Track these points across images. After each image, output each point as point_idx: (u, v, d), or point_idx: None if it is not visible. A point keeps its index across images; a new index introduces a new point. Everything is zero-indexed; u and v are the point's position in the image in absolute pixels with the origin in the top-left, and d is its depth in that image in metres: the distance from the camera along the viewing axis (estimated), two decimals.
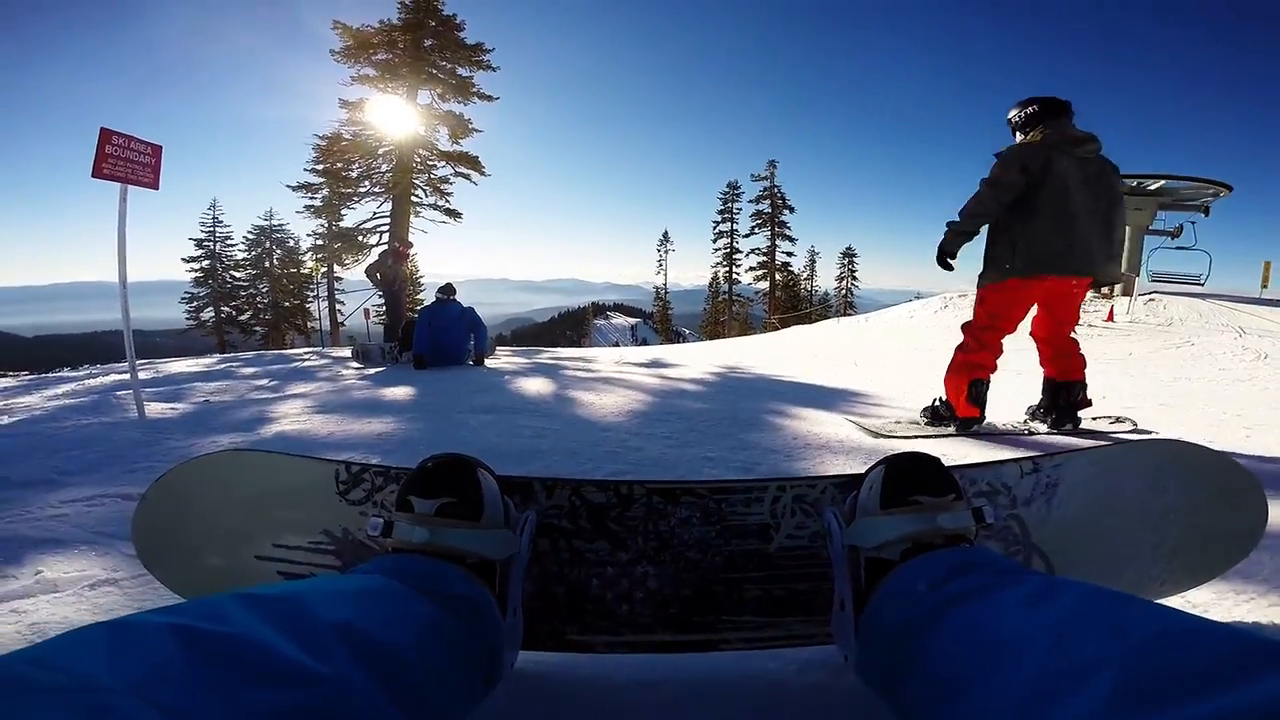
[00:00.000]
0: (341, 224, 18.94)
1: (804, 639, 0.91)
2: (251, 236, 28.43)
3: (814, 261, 37.50)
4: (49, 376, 5.90)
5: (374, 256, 9.51)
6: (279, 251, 28.46)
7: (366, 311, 11.41)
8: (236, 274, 28.31)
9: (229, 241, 28.44)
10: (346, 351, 7.33)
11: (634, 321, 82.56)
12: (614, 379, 4.58)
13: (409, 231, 17.14)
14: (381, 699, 0.47)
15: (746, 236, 33.64)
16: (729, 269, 34.21)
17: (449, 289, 5.95)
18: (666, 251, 39.68)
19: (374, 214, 17.99)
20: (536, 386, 4.19)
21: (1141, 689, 0.39)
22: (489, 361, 5.92)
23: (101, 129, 3.01)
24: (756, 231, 33.20)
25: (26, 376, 6.20)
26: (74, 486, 1.90)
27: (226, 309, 27.59)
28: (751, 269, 33.30)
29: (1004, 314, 2.62)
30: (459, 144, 17.79)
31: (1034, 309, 2.71)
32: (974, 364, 2.64)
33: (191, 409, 3.40)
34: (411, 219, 17.53)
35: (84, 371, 6.16)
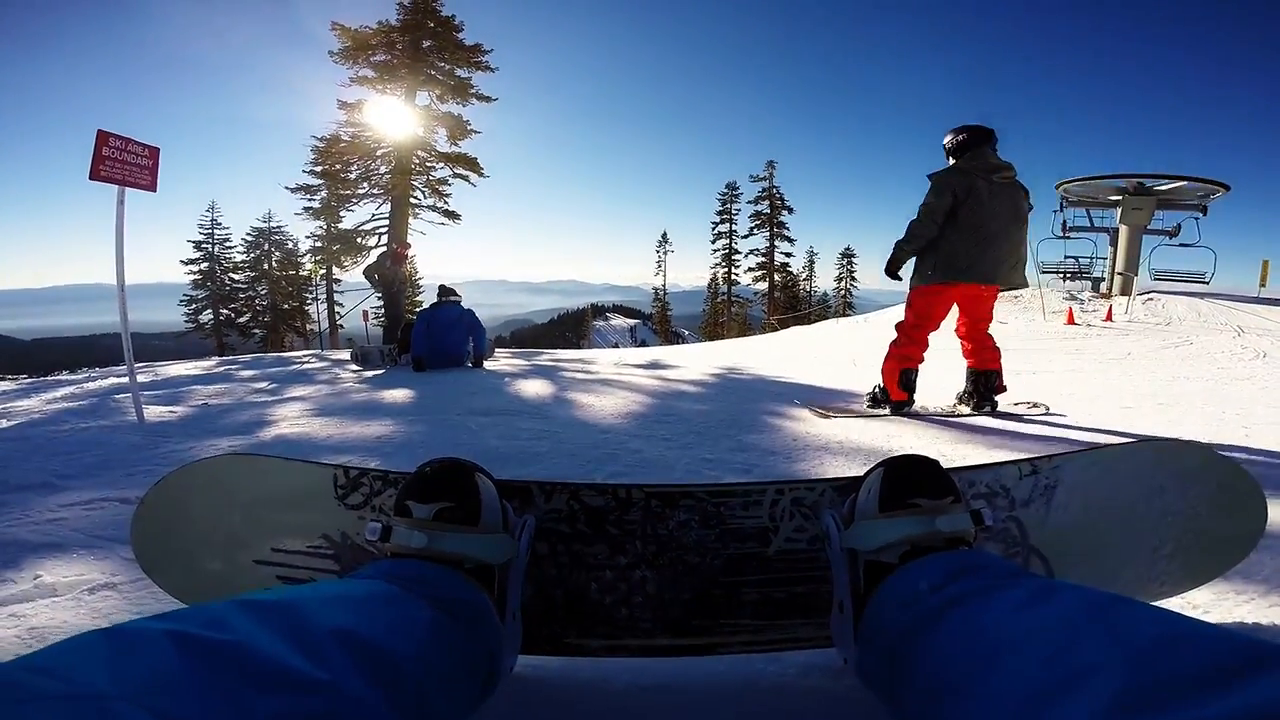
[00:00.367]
0: (340, 226, 18.93)
1: (803, 642, 0.91)
2: (250, 239, 28.38)
3: (813, 262, 37.57)
4: (47, 380, 5.89)
5: (373, 258, 9.50)
6: (277, 254, 28.41)
7: (365, 313, 11.39)
8: (235, 276, 28.26)
9: (227, 244, 28.42)
10: (345, 354, 7.31)
11: (633, 323, 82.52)
12: (613, 381, 4.58)
13: (407, 233, 17.12)
14: (381, 705, 0.47)
15: (745, 237, 33.70)
16: (728, 270, 34.24)
17: (449, 290, 5.89)
18: (665, 253, 39.72)
19: (373, 216, 17.99)
20: (535, 388, 4.19)
21: (1141, 692, 0.39)
22: (488, 363, 5.92)
23: (99, 131, 2.99)
24: (755, 232, 33.26)
25: (25, 380, 6.19)
26: (72, 490, 1.90)
27: (225, 311, 27.56)
28: (750, 270, 33.34)
29: (927, 314, 3.05)
30: (457, 145, 17.78)
31: (955, 311, 3.12)
32: (904, 356, 3.07)
33: (190, 412, 3.40)
34: (410, 220, 17.52)
35: (82, 375, 6.15)
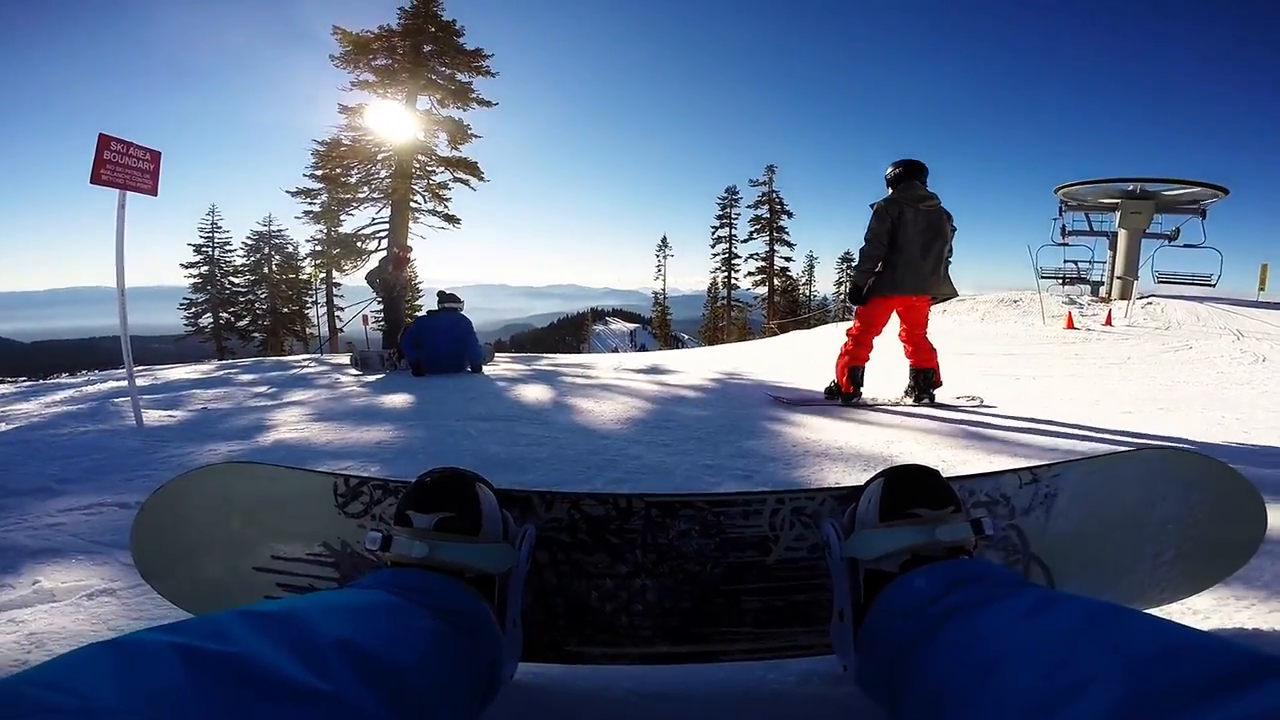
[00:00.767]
0: (340, 230, 18.91)
1: (804, 649, 0.91)
2: (250, 242, 28.26)
3: (812, 266, 37.57)
4: (46, 383, 5.88)
5: (374, 263, 9.49)
6: (278, 257, 28.30)
7: (365, 318, 11.38)
8: (235, 280, 28.17)
9: (228, 247, 28.26)
10: (345, 358, 7.30)
11: (633, 327, 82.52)
12: (613, 386, 4.58)
13: (408, 237, 17.13)
14: (383, 715, 0.47)
15: (745, 242, 33.68)
16: (727, 274, 34.22)
17: (448, 297, 5.81)
18: (665, 257, 39.71)
19: (373, 220, 17.95)
20: (535, 394, 4.19)
21: (1140, 703, 0.39)
22: (488, 369, 5.91)
23: (100, 135, 2.98)
24: (755, 237, 33.24)
25: (24, 383, 6.19)
26: (71, 495, 1.90)
27: (225, 315, 27.50)
28: (750, 274, 33.32)
29: (871, 322, 3.63)
30: (458, 149, 17.77)
31: (895, 318, 3.67)
32: (853, 355, 3.62)
33: (190, 416, 3.40)
34: (410, 225, 17.52)
35: (82, 378, 6.15)
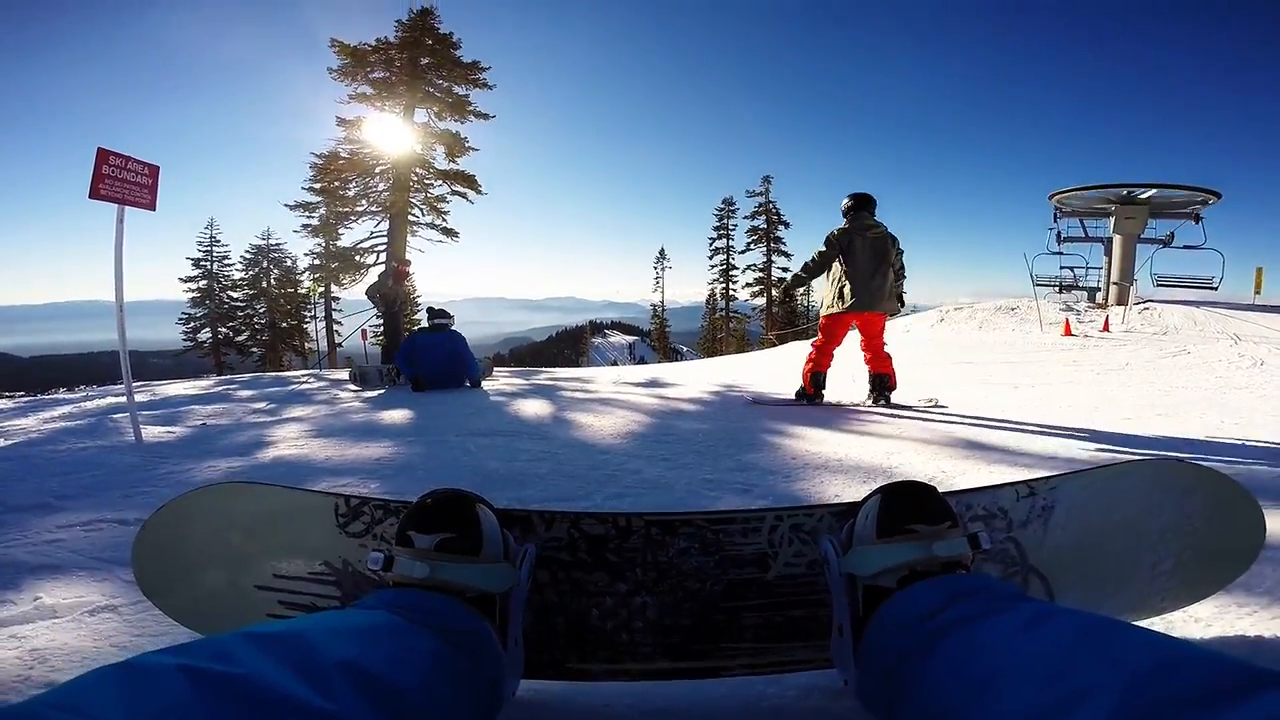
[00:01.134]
0: (339, 243, 18.97)
1: (804, 664, 0.91)
2: (249, 256, 28.23)
3: None
4: (45, 398, 5.88)
5: (374, 277, 9.49)
6: (276, 271, 28.26)
7: (364, 332, 11.39)
8: (234, 294, 28.12)
9: (226, 261, 28.17)
10: (343, 373, 7.29)
11: (632, 339, 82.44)
12: (612, 400, 4.58)
13: (406, 250, 17.16)
14: None
15: (742, 253, 33.77)
16: (725, 285, 34.30)
17: (438, 313, 5.75)
18: (663, 269, 39.78)
19: (371, 233, 18.00)
20: (535, 409, 4.19)
21: (1135, 715, 0.40)
22: (486, 383, 5.91)
23: (99, 149, 2.97)
24: (752, 248, 33.36)
25: (22, 398, 6.18)
26: (71, 511, 1.90)
27: (223, 330, 27.44)
28: (748, 285, 33.40)
29: (831, 334, 4.20)
30: (455, 163, 17.85)
31: (854, 332, 4.20)
32: (816, 362, 4.21)
33: (189, 432, 3.40)
34: (409, 238, 17.57)
35: (80, 393, 6.14)
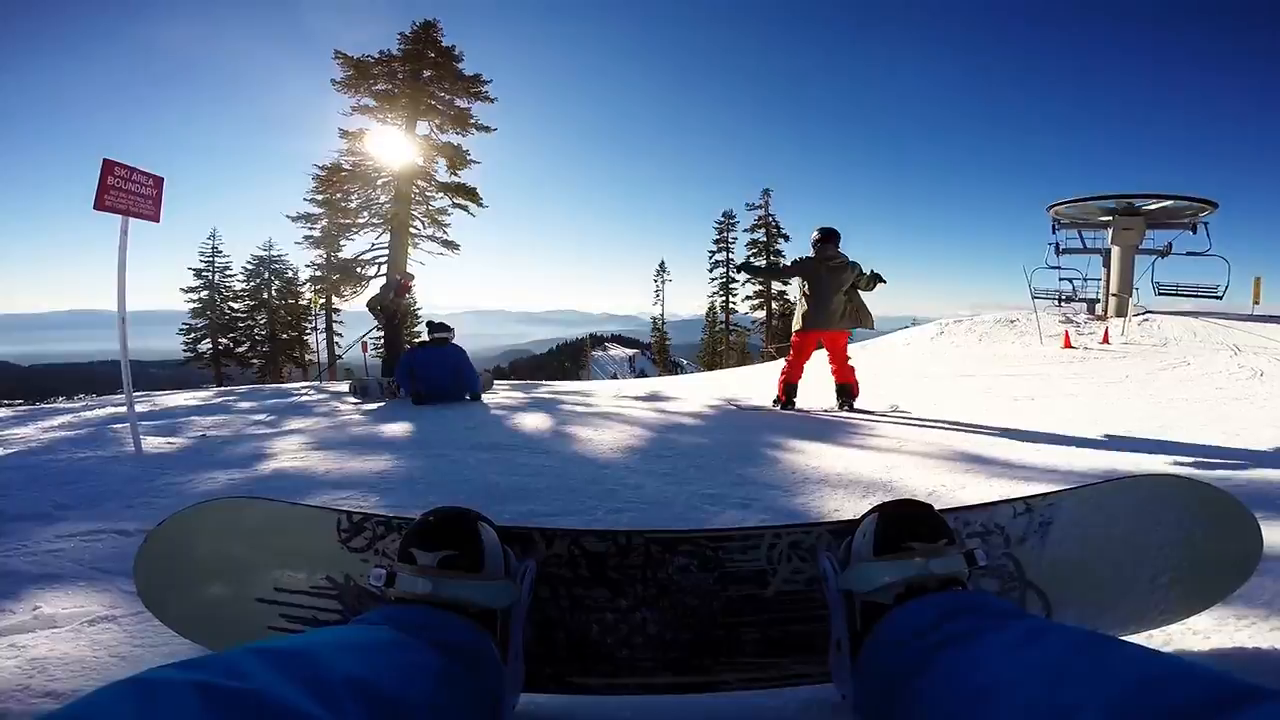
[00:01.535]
0: (340, 255, 19.03)
1: (803, 678, 0.92)
2: (250, 267, 28.28)
3: None
4: (44, 407, 5.88)
5: (374, 289, 9.50)
6: (277, 283, 28.29)
7: (364, 344, 11.39)
8: (235, 305, 28.10)
9: (228, 272, 28.20)
10: (344, 386, 7.29)
11: (632, 353, 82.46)
12: (612, 414, 4.58)
13: (407, 263, 17.21)
14: None
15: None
16: (725, 299, 34.40)
17: (438, 327, 5.73)
18: (663, 282, 39.88)
19: (372, 245, 18.08)
20: (535, 422, 4.19)
21: None
22: (487, 397, 5.91)
23: (104, 160, 2.98)
24: (752, 260, 33.55)
25: (22, 407, 6.18)
26: (71, 521, 1.90)
27: (224, 341, 27.43)
28: (748, 298, 33.48)
29: (801, 349, 4.74)
30: (457, 175, 17.96)
31: (820, 348, 4.74)
32: (789, 374, 4.75)
33: (189, 444, 3.40)
34: (410, 250, 17.63)
35: (80, 403, 6.14)
